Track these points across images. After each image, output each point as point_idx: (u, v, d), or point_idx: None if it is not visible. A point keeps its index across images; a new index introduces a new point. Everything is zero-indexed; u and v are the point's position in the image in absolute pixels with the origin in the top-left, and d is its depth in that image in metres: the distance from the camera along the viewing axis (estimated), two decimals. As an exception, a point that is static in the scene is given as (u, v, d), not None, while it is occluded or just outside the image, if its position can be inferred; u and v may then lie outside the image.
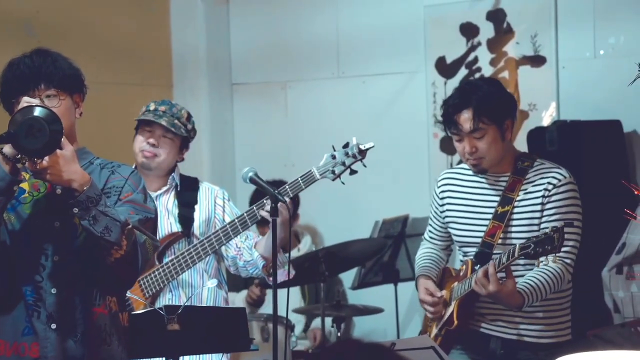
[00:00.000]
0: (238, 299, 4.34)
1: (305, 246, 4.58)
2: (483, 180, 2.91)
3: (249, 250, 2.98)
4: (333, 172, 2.80)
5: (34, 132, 1.94)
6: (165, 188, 3.04)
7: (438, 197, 3.00)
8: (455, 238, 2.98)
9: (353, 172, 2.81)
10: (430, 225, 3.08)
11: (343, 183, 2.80)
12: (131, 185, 2.22)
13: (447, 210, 2.97)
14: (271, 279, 2.69)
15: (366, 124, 4.72)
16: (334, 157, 2.81)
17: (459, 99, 2.81)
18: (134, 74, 4.75)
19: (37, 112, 1.96)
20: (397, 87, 4.70)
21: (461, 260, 2.98)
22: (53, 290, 2.14)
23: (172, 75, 4.97)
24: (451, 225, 2.97)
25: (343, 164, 2.79)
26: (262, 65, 5.04)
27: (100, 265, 2.13)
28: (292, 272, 2.95)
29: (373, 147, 2.80)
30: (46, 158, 2.00)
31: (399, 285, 4.33)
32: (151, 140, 2.97)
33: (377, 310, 4.09)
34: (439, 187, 3.00)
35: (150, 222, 2.22)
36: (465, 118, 2.79)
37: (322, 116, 4.90)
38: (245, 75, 5.10)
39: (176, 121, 3.01)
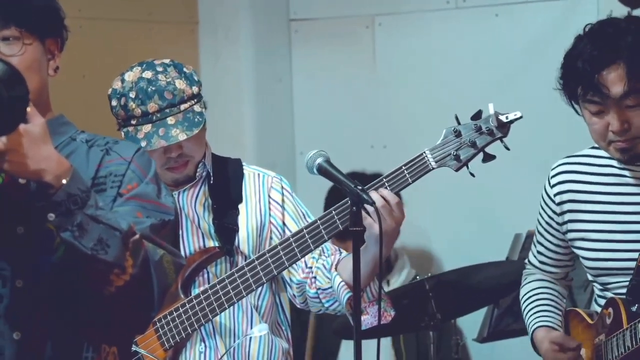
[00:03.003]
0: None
1: (401, 274, 4.65)
2: (625, 172, 2.92)
3: (325, 272, 3.00)
4: (457, 157, 2.81)
5: None
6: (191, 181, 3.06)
7: (553, 200, 3.03)
8: (587, 264, 2.99)
9: (488, 157, 2.82)
10: (540, 243, 3.14)
11: (472, 175, 2.81)
12: (137, 172, 2.23)
13: (571, 220, 3.00)
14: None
15: (500, 80, 4.73)
16: (458, 133, 2.82)
17: (600, 50, 2.82)
18: (139, 7, 4.80)
19: None
20: (550, 23, 4.70)
21: (599, 297, 2.99)
22: (15, 335, 2.13)
23: (197, 7, 5.03)
24: (578, 243, 3.00)
25: (473, 144, 2.81)
26: (336, -9, 5.16)
27: (92, 297, 2.12)
28: (392, 312, 2.97)
29: (520, 118, 2.80)
30: (2, 138, 1.99)
31: (553, 337, 4.31)
32: (173, 155, 3.00)
33: (519, 376, 4.08)
34: (554, 185, 3.03)
35: (168, 227, 2.22)
36: (614, 77, 2.78)
37: (431, 68, 4.93)
38: (309, 7, 5.16)
39: (185, 107, 2.97)
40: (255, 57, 5.03)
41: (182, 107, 2.97)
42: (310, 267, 3.00)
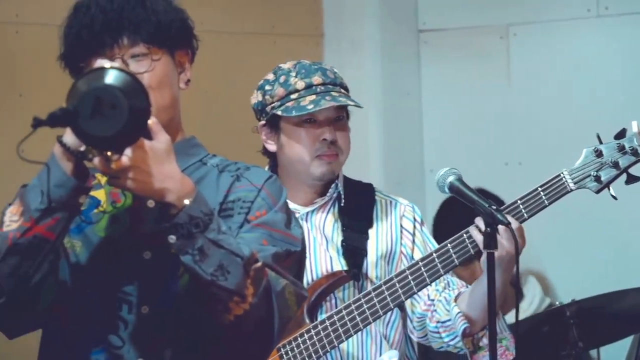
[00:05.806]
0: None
1: (533, 301, 4.63)
2: None
3: (445, 304, 2.99)
4: (597, 178, 2.81)
5: (103, 110, 1.94)
6: (320, 201, 3.07)
7: None
8: None
9: (633, 179, 2.81)
10: None
11: (615, 198, 2.79)
12: (267, 200, 2.24)
13: None
14: (477, 357, 2.73)
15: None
16: (599, 153, 2.82)
17: None
18: (263, 19, 4.85)
19: (110, 77, 1.96)
20: None
21: None
22: (140, 363, 2.17)
23: (322, 18, 5.06)
24: None
25: (615, 165, 2.80)
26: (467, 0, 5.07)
27: (211, 326, 2.14)
28: (513, 351, 2.93)
29: None
30: (127, 152, 2.00)
31: None
32: (328, 136, 2.99)
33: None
34: None
35: (292, 258, 2.22)
36: None
37: (569, 81, 4.87)
38: (439, 17, 5.16)
39: (345, 92, 3.05)
40: (382, 69, 5.04)
41: (343, 91, 3.04)
42: (433, 300, 3.00)
